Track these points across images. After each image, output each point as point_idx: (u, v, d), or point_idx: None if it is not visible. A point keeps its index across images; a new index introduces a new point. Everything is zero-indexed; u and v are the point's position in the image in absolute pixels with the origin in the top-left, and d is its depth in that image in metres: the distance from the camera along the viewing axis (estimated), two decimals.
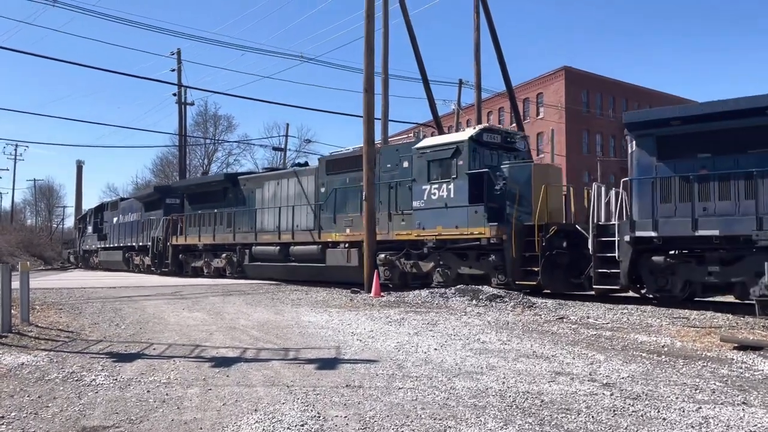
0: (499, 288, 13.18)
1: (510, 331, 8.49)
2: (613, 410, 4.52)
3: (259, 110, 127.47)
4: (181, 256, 25.85)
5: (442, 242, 14.91)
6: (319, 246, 18.31)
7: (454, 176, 14.60)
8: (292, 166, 23.44)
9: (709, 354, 6.77)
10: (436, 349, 7.00)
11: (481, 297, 12.08)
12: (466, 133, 15.02)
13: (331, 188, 18.17)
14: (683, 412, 4.49)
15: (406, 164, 15.80)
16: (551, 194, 13.94)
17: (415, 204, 15.37)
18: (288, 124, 47.04)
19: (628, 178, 12.30)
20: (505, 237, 13.46)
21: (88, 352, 7.06)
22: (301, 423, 4.21)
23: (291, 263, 19.54)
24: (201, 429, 4.17)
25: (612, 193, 13.02)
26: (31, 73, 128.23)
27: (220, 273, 23.31)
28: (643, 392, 5.05)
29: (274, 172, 22.96)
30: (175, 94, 37.54)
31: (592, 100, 52.69)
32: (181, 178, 37.80)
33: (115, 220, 33.94)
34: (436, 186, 14.98)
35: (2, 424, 4.28)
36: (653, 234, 11.41)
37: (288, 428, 4.13)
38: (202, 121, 59.67)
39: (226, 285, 18.47)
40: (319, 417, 4.35)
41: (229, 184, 23.39)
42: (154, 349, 7.21)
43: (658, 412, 4.48)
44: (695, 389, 5.16)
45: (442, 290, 13.18)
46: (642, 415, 4.40)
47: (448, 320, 9.53)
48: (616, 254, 11.80)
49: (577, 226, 13.16)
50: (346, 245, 17.39)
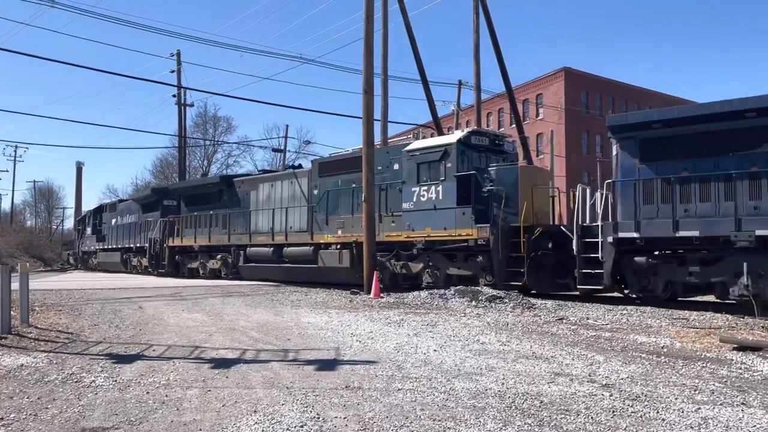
0: (487, 288, 13.25)
1: (509, 332, 8.50)
2: (613, 411, 4.52)
3: (259, 111, 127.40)
4: (177, 257, 25.91)
5: (431, 243, 15.07)
6: (312, 247, 18.48)
7: (443, 178, 14.75)
8: (286, 169, 23.58)
9: (708, 355, 6.78)
10: (435, 350, 7.00)
11: (480, 298, 12.08)
12: (454, 136, 15.20)
13: (324, 190, 18.35)
14: (682, 412, 4.49)
15: (396, 166, 15.92)
16: (538, 196, 14.08)
17: (405, 206, 15.52)
18: (287, 126, 46.95)
19: (612, 180, 12.50)
20: (492, 238, 13.59)
21: (87, 353, 7.06)
22: (301, 424, 4.22)
23: (285, 264, 19.68)
24: (200, 430, 4.17)
25: (597, 194, 13.16)
26: (31, 75, 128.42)
27: (215, 274, 23.38)
28: (643, 393, 5.05)
29: (268, 174, 23.12)
30: (174, 96, 37.62)
31: (591, 100, 52.68)
32: (181, 180, 37.85)
33: (114, 221, 33.97)
34: (425, 188, 15.12)
35: (1, 426, 4.29)
36: (635, 235, 11.57)
37: (287, 429, 4.13)
38: (201, 123, 59.81)
39: (226, 286, 18.47)
40: (319, 418, 4.36)
41: (225, 186, 23.55)
42: (154, 351, 7.21)
43: (658, 412, 4.49)
44: (694, 390, 5.16)
45: (442, 291, 13.20)
46: (641, 416, 4.40)
47: (448, 321, 9.54)
48: (600, 255, 11.97)
49: (562, 228, 13.31)
50: (338, 246, 17.57)
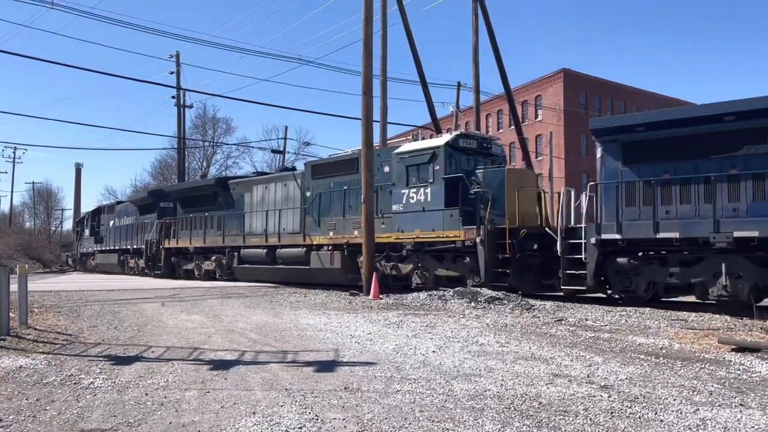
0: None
1: (508, 333, 8.50)
2: (611, 412, 4.52)
3: (258, 113, 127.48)
4: (173, 258, 26.08)
5: (420, 245, 15.25)
6: (304, 249, 18.66)
7: (431, 181, 14.92)
8: (279, 171, 23.75)
9: (707, 356, 6.78)
10: (434, 352, 7.00)
11: (479, 299, 12.09)
12: (443, 139, 15.38)
13: (316, 192, 18.55)
14: (681, 414, 4.49)
15: (387, 169, 16.06)
16: (525, 198, 14.20)
17: (395, 207, 15.67)
18: (287, 127, 47.17)
19: (595, 182, 12.67)
20: (479, 239, 13.72)
21: (86, 355, 7.06)
22: (299, 425, 4.22)
23: (278, 265, 19.85)
24: None
25: (582, 196, 13.31)
26: (30, 76, 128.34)
27: (210, 276, 23.54)
28: (641, 394, 5.05)
29: (262, 176, 23.32)
30: (173, 97, 37.62)
31: (590, 102, 52.72)
32: (180, 181, 37.85)
33: (112, 223, 34.06)
34: (414, 190, 15.29)
35: (0, 427, 4.28)
36: (617, 236, 11.75)
37: (286, 431, 4.13)
38: (201, 124, 59.78)
39: (224, 287, 18.46)
40: (317, 419, 4.36)
41: (219, 188, 23.76)
42: (153, 352, 7.21)
43: (656, 414, 4.49)
44: (693, 391, 5.17)
45: (441, 292, 13.24)
46: (639, 417, 4.40)
47: (447, 323, 9.54)
48: (583, 256, 12.14)
49: (547, 229, 13.50)
50: (330, 248, 17.76)
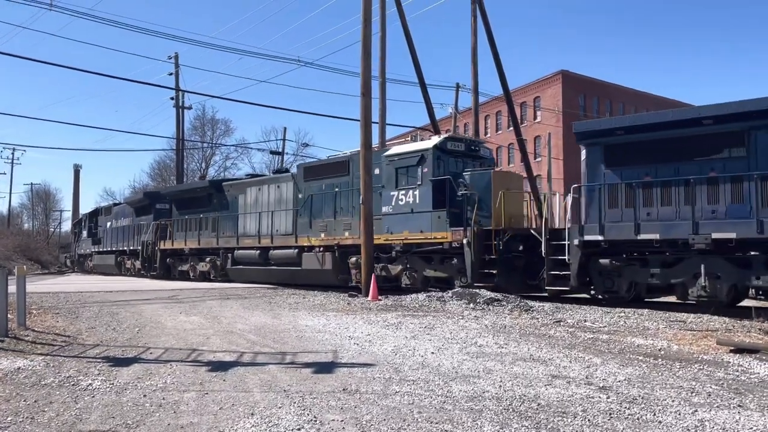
0: (462, 289, 13.57)
1: (507, 334, 8.50)
2: (609, 413, 4.52)
3: (257, 114, 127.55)
4: (168, 260, 26.32)
5: (409, 246, 15.41)
6: (296, 250, 18.84)
7: (420, 183, 15.10)
8: (273, 173, 23.87)
9: (705, 357, 6.78)
10: (433, 353, 7.00)
11: (478, 300, 12.10)
12: (431, 142, 15.56)
13: (308, 194, 18.75)
14: (679, 415, 4.49)
15: (377, 171, 16.15)
16: (511, 200, 14.34)
17: (384, 209, 15.80)
18: (285, 128, 46.90)
19: (578, 185, 12.83)
20: (465, 241, 13.86)
21: (84, 356, 7.05)
22: (298, 427, 4.21)
23: (271, 266, 20.03)
24: None
25: (568, 198, 13.41)
26: (28, 77, 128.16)
27: (204, 277, 23.73)
28: (640, 395, 5.06)
29: (256, 178, 23.55)
30: (172, 98, 37.57)
31: (589, 103, 52.78)
32: (179, 183, 37.82)
33: (109, 224, 34.16)
34: (403, 192, 15.48)
35: None
36: (600, 238, 11.93)
37: None
38: (199, 125, 59.69)
39: (223, 289, 18.46)
40: (316, 421, 4.35)
41: (214, 190, 24.05)
42: (151, 354, 7.20)
43: (654, 415, 4.49)
44: (691, 392, 5.17)
45: (440, 294, 13.26)
46: (638, 419, 4.41)
47: (445, 324, 9.54)
48: (567, 257, 12.32)
49: (532, 231, 13.66)
50: (321, 249, 17.94)
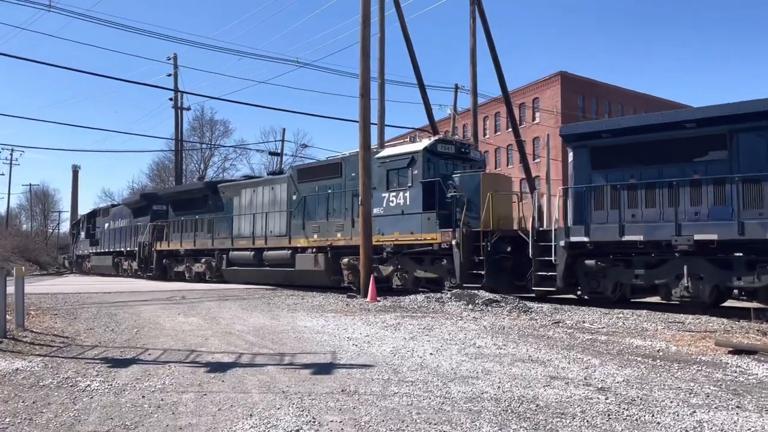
0: (452, 290, 13.66)
1: (506, 335, 8.50)
2: (608, 414, 4.53)
3: (256, 115, 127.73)
4: (164, 260, 26.49)
5: (400, 247, 15.52)
6: (290, 251, 18.94)
7: (410, 185, 15.23)
8: (267, 175, 24.13)
9: (703, 358, 6.79)
10: (431, 354, 7.00)
11: (477, 301, 12.10)
12: (421, 144, 15.68)
13: (302, 196, 18.87)
14: (677, 416, 4.50)
15: None
16: (500, 201, 14.45)
17: (376, 210, 15.83)
18: (284, 129, 47.00)
19: (565, 187, 12.95)
20: (454, 242, 13.97)
21: (83, 357, 7.04)
22: (297, 428, 4.21)
23: (265, 267, 20.15)
24: None
25: (555, 200, 13.49)
26: (27, 78, 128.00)
27: (200, 277, 23.88)
28: (638, 396, 5.06)
29: (250, 180, 23.68)
30: (171, 99, 37.54)
31: (587, 105, 52.85)
32: (177, 184, 37.79)
33: (107, 225, 34.24)
34: (394, 194, 15.59)
35: None
36: (585, 239, 12.06)
37: None
38: (198, 126, 59.67)
39: (221, 290, 18.44)
40: (314, 422, 4.35)
41: (209, 191, 24.21)
42: (150, 355, 7.19)
43: (653, 416, 4.49)
44: (690, 393, 5.17)
45: (438, 295, 13.26)
46: (636, 420, 4.41)
47: (444, 325, 9.54)
48: (553, 258, 12.43)
49: (520, 232, 13.75)
50: (314, 250, 18.04)
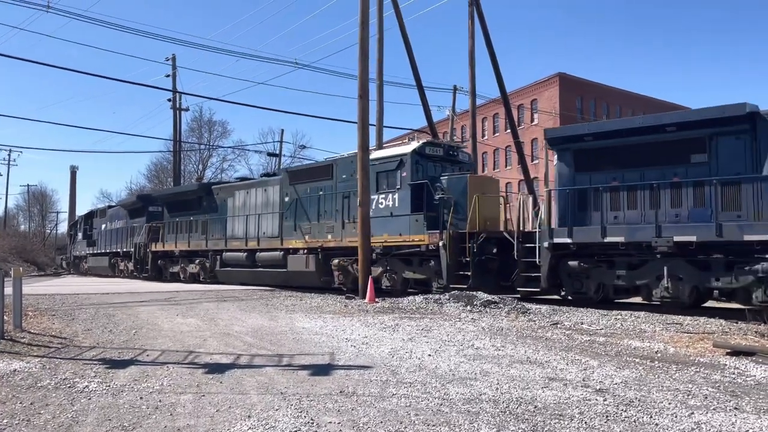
0: (439, 290, 13.79)
1: (504, 336, 8.50)
2: (606, 416, 4.53)
3: (254, 116, 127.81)
4: (160, 261, 26.62)
5: (389, 249, 15.65)
6: (282, 252, 19.10)
7: (399, 187, 15.44)
8: (260, 176, 24.24)
9: (701, 359, 6.80)
10: (430, 355, 7.00)
11: (475, 303, 12.11)
12: (410, 147, 15.85)
13: (294, 198, 19.04)
14: (675, 417, 4.50)
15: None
16: (487, 203, 14.58)
17: None
18: (283, 130, 47.11)
19: (549, 189, 13.11)
20: (441, 243, 14.09)
21: (81, 358, 7.03)
22: (295, 429, 4.21)
23: (257, 268, 20.30)
24: None
25: (540, 202, 13.56)
26: (26, 78, 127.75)
27: (194, 278, 23.99)
28: (636, 398, 5.06)
29: (244, 181, 23.81)
30: (170, 100, 37.53)
31: (586, 106, 52.91)
32: (176, 185, 37.78)
33: (103, 226, 34.31)
34: (383, 196, 15.79)
35: None
36: (568, 240, 12.21)
37: None
38: (196, 127, 59.58)
39: (220, 291, 18.43)
40: (313, 423, 4.35)
41: (204, 193, 24.39)
42: (148, 356, 7.18)
43: (651, 417, 4.50)
44: (688, 395, 5.18)
45: (437, 296, 13.26)
46: (634, 421, 4.41)
47: (443, 326, 9.54)
48: (537, 259, 12.58)
49: (505, 234, 13.92)
50: (305, 252, 18.21)
